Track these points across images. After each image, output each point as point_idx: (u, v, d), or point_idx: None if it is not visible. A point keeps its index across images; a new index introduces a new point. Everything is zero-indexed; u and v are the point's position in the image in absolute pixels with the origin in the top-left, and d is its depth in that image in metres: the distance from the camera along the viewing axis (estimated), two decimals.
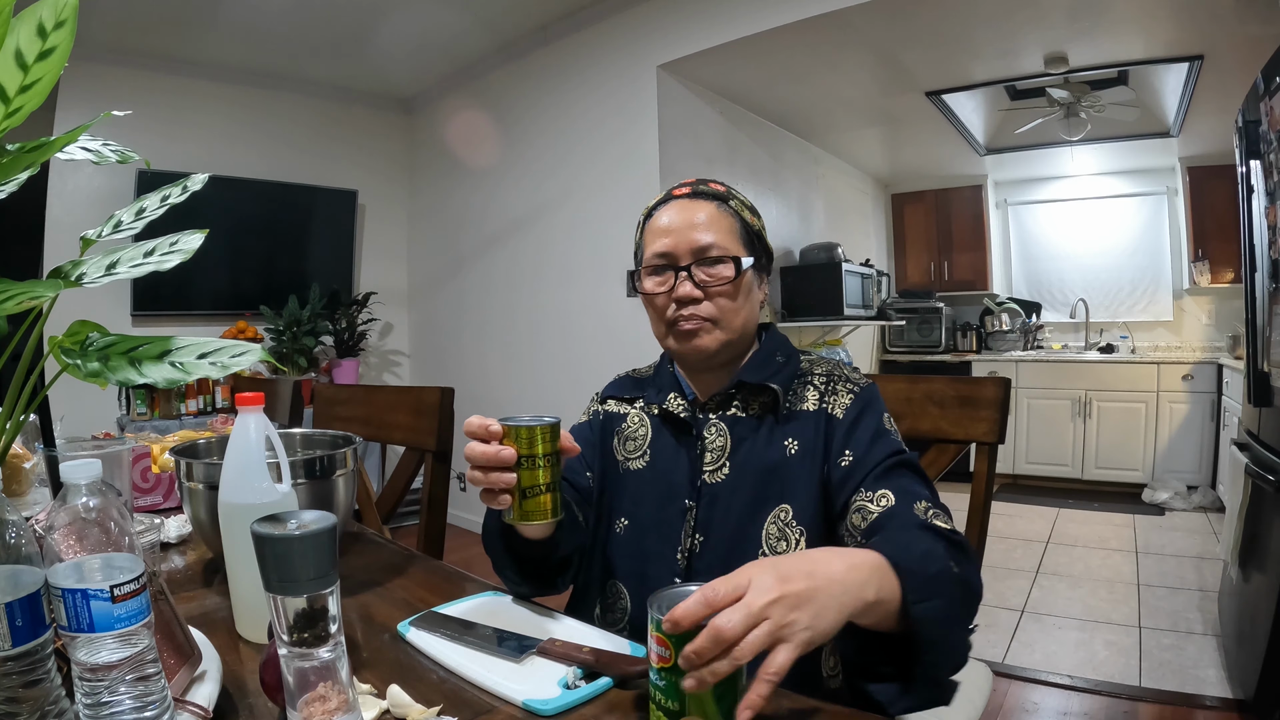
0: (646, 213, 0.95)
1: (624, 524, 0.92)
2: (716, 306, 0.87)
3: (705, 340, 0.88)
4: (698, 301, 0.87)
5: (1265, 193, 1.90)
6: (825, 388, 0.89)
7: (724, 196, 0.92)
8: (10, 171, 0.54)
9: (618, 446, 0.98)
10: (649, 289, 0.91)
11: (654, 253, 0.90)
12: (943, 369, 4.88)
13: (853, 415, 0.86)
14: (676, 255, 0.88)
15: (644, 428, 0.96)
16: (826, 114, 3.74)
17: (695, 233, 0.87)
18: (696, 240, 0.87)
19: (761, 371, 0.90)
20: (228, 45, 3.28)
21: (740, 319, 0.89)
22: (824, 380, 0.90)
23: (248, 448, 0.76)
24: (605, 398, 1.05)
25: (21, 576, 0.47)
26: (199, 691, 0.59)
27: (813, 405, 0.88)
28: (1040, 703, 2.03)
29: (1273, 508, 1.78)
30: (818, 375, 0.91)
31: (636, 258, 0.96)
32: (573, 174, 3.24)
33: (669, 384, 0.96)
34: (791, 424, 0.87)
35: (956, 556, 0.69)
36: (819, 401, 0.88)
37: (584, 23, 3.13)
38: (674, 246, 0.88)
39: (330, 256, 3.95)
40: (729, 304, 0.88)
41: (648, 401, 0.98)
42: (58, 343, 0.57)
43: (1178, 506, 3.90)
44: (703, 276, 0.87)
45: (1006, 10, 2.56)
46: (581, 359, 3.20)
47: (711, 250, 0.87)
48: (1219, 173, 4.03)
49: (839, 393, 0.88)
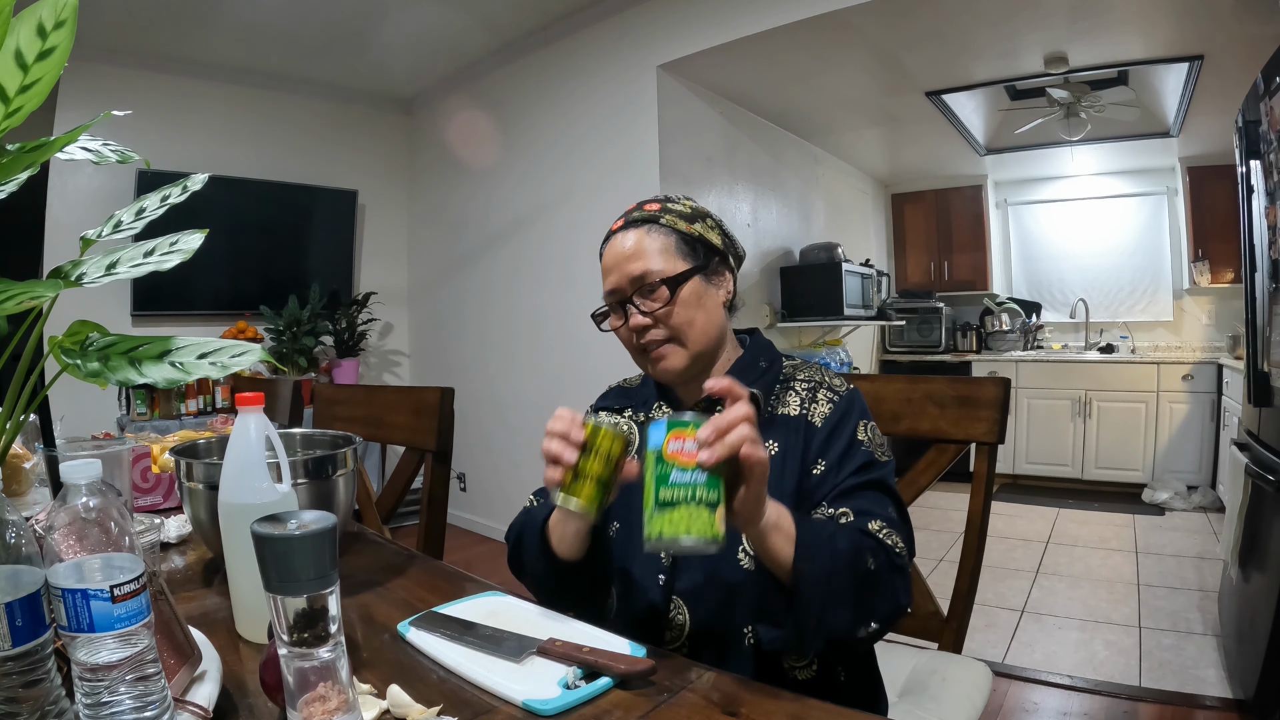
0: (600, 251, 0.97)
1: (616, 527, 0.94)
2: (669, 326, 0.89)
3: (672, 361, 0.90)
4: (651, 328, 0.90)
5: (1265, 193, 1.90)
6: (807, 394, 0.91)
7: (653, 217, 0.93)
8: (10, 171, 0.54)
9: None
10: (610, 328, 0.95)
11: (605, 291, 0.93)
12: (943, 369, 4.88)
13: (831, 424, 0.87)
14: (621, 290, 0.91)
15: (632, 434, 0.97)
16: (826, 114, 3.74)
17: (628, 264, 0.90)
18: (630, 271, 0.90)
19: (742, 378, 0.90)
20: (228, 45, 3.28)
21: (698, 329, 0.90)
22: (807, 386, 0.91)
23: (248, 448, 0.76)
24: (597, 409, 1.07)
25: (21, 576, 0.47)
26: (199, 691, 0.59)
27: (794, 410, 0.90)
28: (1040, 703, 2.03)
29: (1273, 508, 1.78)
30: (801, 381, 0.92)
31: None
32: (573, 174, 3.24)
33: (655, 393, 0.99)
34: (773, 428, 0.89)
35: (879, 559, 0.75)
36: (800, 407, 0.90)
37: (584, 23, 3.13)
38: (617, 283, 0.91)
39: (330, 256, 3.95)
40: (682, 318, 0.89)
41: (635, 409, 1.00)
42: (58, 343, 0.57)
43: (1178, 506, 3.90)
44: (645, 304, 0.90)
45: (1006, 10, 2.56)
46: (581, 359, 3.20)
47: (646, 278, 0.89)
48: (1219, 173, 4.03)
49: (819, 400, 0.90)
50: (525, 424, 3.50)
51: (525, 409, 3.51)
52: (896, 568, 0.76)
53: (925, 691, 1.04)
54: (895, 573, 0.76)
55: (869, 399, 1.19)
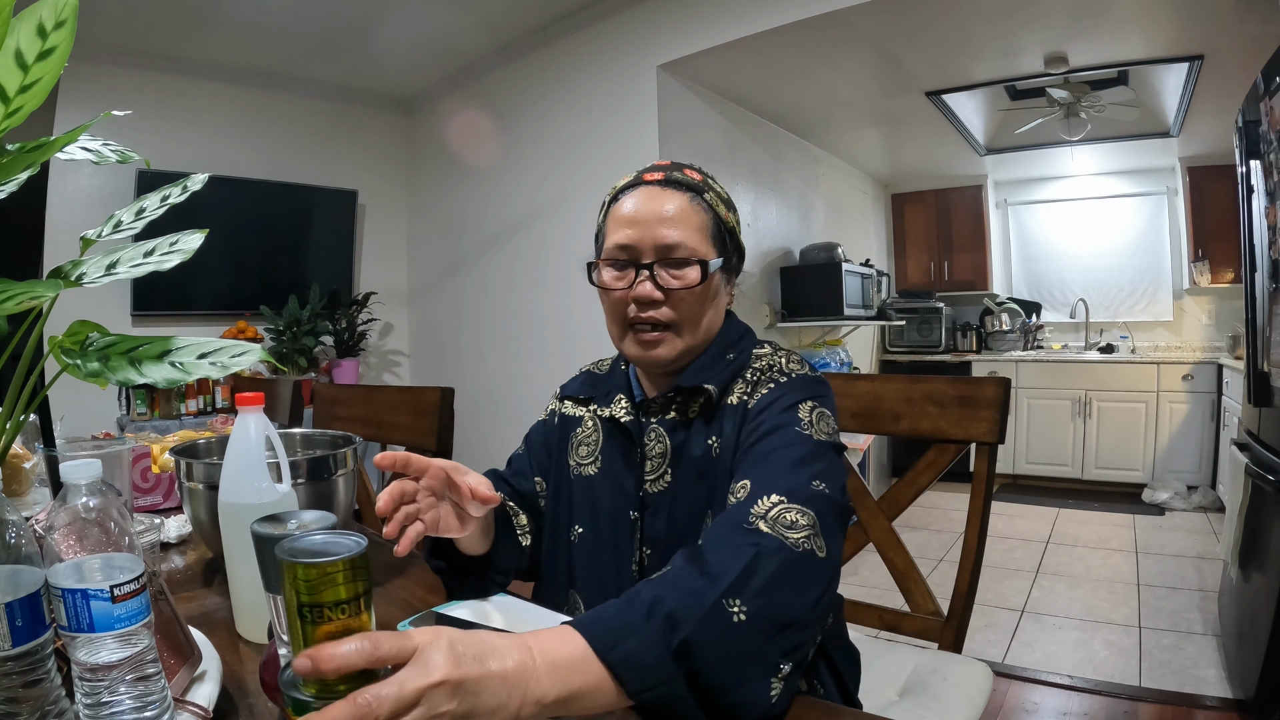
0: (613, 194, 0.86)
1: (579, 532, 0.88)
2: (678, 311, 0.80)
3: (663, 351, 0.81)
4: (658, 304, 0.80)
5: (1265, 193, 1.90)
6: (755, 380, 0.81)
7: (699, 188, 0.83)
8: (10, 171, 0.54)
9: (571, 451, 0.93)
10: (607, 282, 0.83)
11: (615, 243, 0.81)
12: (943, 369, 4.88)
13: (764, 404, 0.77)
14: (639, 249, 0.80)
15: (596, 433, 0.91)
16: (826, 114, 3.74)
17: (662, 227, 0.79)
18: (663, 236, 0.79)
19: (703, 373, 0.82)
20: (228, 45, 3.28)
21: (703, 325, 0.82)
22: (756, 372, 0.82)
23: (248, 448, 0.76)
24: (564, 396, 0.99)
25: (21, 576, 0.47)
26: (199, 691, 0.59)
27: (736, 399, 0.80)
28: (1040, 703, 2.03)
29: (1273, 508, 1.78)
30: (756, 369, 0.82)
31: (598, 242, 0.88)
32: (573, 174, 3.24)
33: (620, 385, 0.89)
34: (715, 422, 0.81)
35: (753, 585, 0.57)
36: (742, 395, 0.80)
37: (584, 23, 3.13)
38: (638, 240, 0.80)
39: (330, 256, 3.95)
40: (692, 309, 0.80)
41: (599, 405, 0.91)
42: (58, 343, 0.57)
43: (1178, 506, 3.90)
44: (665, 278, 0.80)
45: (1006, 10, 2.56)
46: (581, 359, 3.18)
47: (678, 250, 0.79)
48: (1219, 173, 4.03)
49: (762, 384, 0.80)
50: (525, 424, 3.49)
51: (525, 409, 3.50)
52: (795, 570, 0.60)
53: (925, 691, 1.04)
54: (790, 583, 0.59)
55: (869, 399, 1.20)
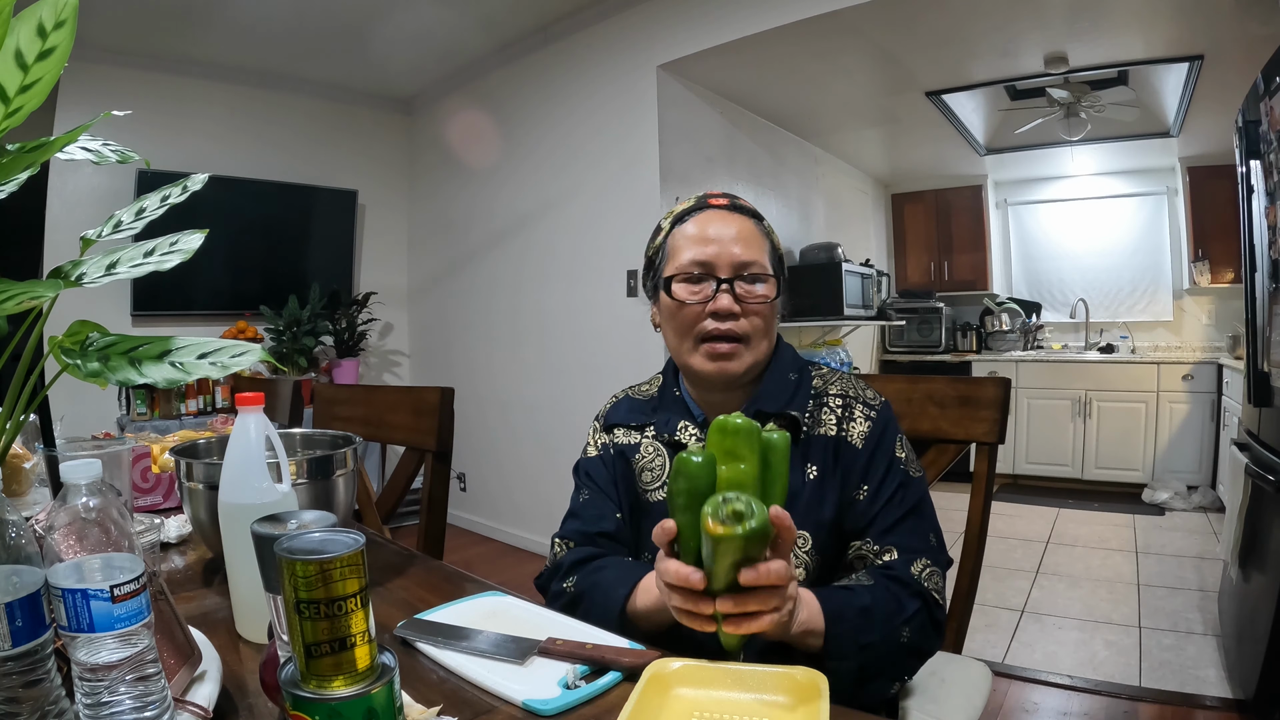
0: (675, 216, 0.92)
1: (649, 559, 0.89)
2: (751, 325, 0.85)
3: (736, 364, 0.85)
4: (735, 317, 0.84)
5: (1265, 193, 1.90)
6: (843, 411, 0.87)
7: (759, 215, 0.91)
8: (10, 171, 0.54)
9: (636, 478, 0.94)
10: (683, 296, 0.86)
11: (691, 259, 0.86)
12: (943, 369, 4.88)
13: (871, 445, 0.85)
14: (716, 265, 0.85)
15: (659, 457, 0.92)
16: (826, 114, 3.74)
17: (736, 246, 0.85)
18: (738, 255, 0.85)
19: (779, 397, 0.87)
20: (228, 45, 3.28)
21: (768, 341, 0.88)
22: (840, 402, 0.88)
23: (248, 448, 0.76)
24: (610, 426, 0.98)
25: (21, 576, 0.47)
26: (199, 691, 0.59)
27: (830, 430, 0.86)
28: (1040, 703, 2.03)
29: (1273, 508, 1.78)
30: (833, 396, 0.89)
31: (654, 263, 0.92)
32: (572, 174, 3.24)
33: (677, 408, 0.92)
34: (810, 449, 0.85)
35: (916, 623, 0.75)
36: (836, 426, 0.87)
37: (584, 23, 3.13)
38: (714, 256, 0.85)
39: (330, 256, 3.95)
40: (762, 324, 0.86)
41: (658, 430, 0.93)
42: (58, 343, 0.56)
43: (1178, 506, 3.90)
44: (743, 292, 0.85)
45: (1006, 10, 2.56)
46: (581, 359, 3.20)
47: (752, 266, 0.85)
48: (1219, 173, 4.03)
49: (856, 418, 0.87)
50: (525, 424, 3.50)
51: (525, 409, 3.51)
52: (934, 622, 0.77)
53: (925, 691, 1.04)
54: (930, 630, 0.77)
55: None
